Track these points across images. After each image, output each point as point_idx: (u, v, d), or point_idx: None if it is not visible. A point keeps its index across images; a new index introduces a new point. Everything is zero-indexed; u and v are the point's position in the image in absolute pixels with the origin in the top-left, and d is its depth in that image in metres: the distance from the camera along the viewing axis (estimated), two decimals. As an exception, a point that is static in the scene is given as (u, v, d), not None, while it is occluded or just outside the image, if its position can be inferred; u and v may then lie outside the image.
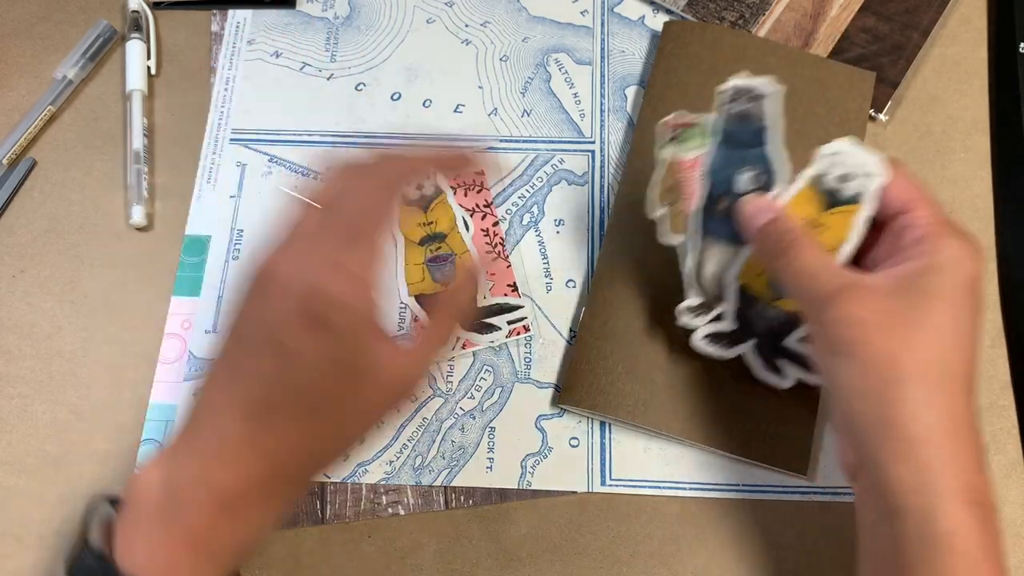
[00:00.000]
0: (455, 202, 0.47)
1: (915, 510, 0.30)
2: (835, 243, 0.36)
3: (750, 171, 0.37)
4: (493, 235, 0.47)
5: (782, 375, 0.40)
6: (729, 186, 0.38)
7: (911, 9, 0.52)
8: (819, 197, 0.36)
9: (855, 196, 0.35)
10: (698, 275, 0.40)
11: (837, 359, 0.33)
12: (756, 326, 0.40)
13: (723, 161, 0.38)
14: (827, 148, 0.36)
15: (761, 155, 0.37)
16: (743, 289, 0.39)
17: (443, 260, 0.46)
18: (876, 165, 0.35)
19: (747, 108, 0.37)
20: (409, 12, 0.54)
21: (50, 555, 0.41)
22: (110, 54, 0.53)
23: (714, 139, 0.38)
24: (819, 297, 0.33)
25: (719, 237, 0.39)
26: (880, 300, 0.32)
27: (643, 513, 0.42)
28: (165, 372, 0.45)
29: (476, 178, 0.48)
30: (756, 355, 0.40)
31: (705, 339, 0.40)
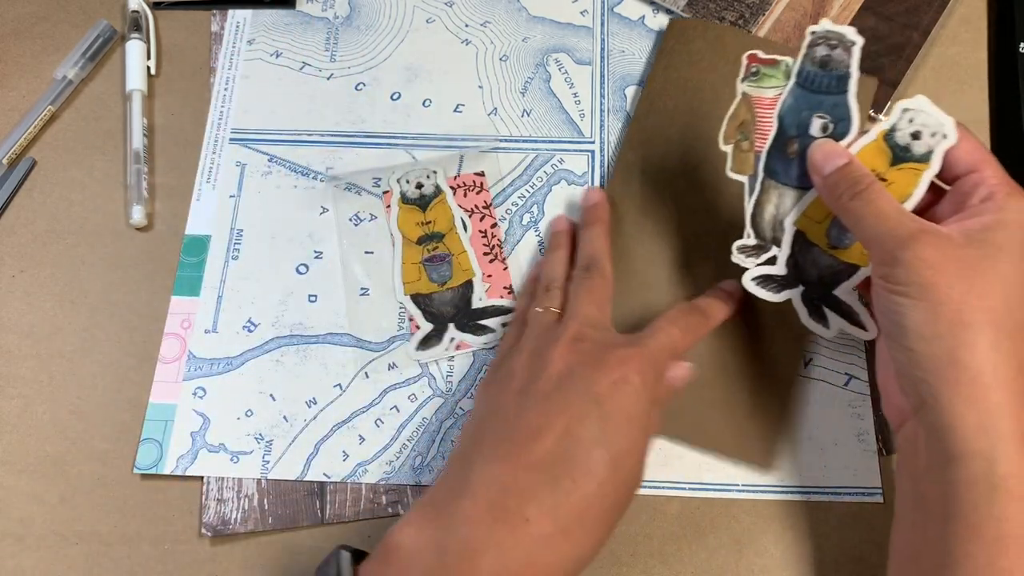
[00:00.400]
0: (454, 202, 0.47)
1: (977, 452, 0.30)
2: (898, 198, 0.36)
3: (824, 117, 0.37)
4: (491, 236, 0.47)
5: (827, 324, 0.40)
6: (801, 129, 0.38)
7: (911, 9, 0.52)
8: (888, 151, 0.36)
9: (925, 154, 0.36)
10: (755, 215, 0.39)
11: (907, 300, 0.33)
12: (808, 273, 0.39)
13: (798, 104, 0.38)
14: (904, 103, 0.36)
15: (838, 103, 0.37)
16: (800, 234, 0.39)
17: (440, 260, 0.46)
18: (949, 126, 0.35)
19: (831, 54, 0.37)
20: (409, 12, 0.54)
21: (50, 555, 0.41)
22: (110, 54, 0.53)
23: (792, 80, 0.38)
24: (895, 239, 0.34)
25: (783, 179, 0.39)
26: (953, 247, 0.33)
27: (643, 513, 0.42)
28: (165, 372, 0.45)
29: (476, 179, 0.48)
30: (803, 302, 0.40)
31: (755, 280, 0.40)
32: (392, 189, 0.48)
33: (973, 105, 0.50)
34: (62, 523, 0.42)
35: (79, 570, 0.41)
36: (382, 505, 0.42)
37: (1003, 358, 0.31)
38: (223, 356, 0.45)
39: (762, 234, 0.40)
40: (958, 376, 0.31)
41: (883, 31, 0.51)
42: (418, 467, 0.42)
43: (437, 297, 0.46)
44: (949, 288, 0.32)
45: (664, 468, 0.42)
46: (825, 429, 0.42)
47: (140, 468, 0.42)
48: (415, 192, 0.48)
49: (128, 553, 0.41)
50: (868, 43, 0.51)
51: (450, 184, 0.48)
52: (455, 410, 0.44)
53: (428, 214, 0.47)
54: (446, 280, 0.46)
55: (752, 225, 0.40)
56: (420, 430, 0.43)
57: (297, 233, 0.48)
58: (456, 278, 0.46)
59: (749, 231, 0.40)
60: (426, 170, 0.48)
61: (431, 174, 0.48)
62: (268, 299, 0.46)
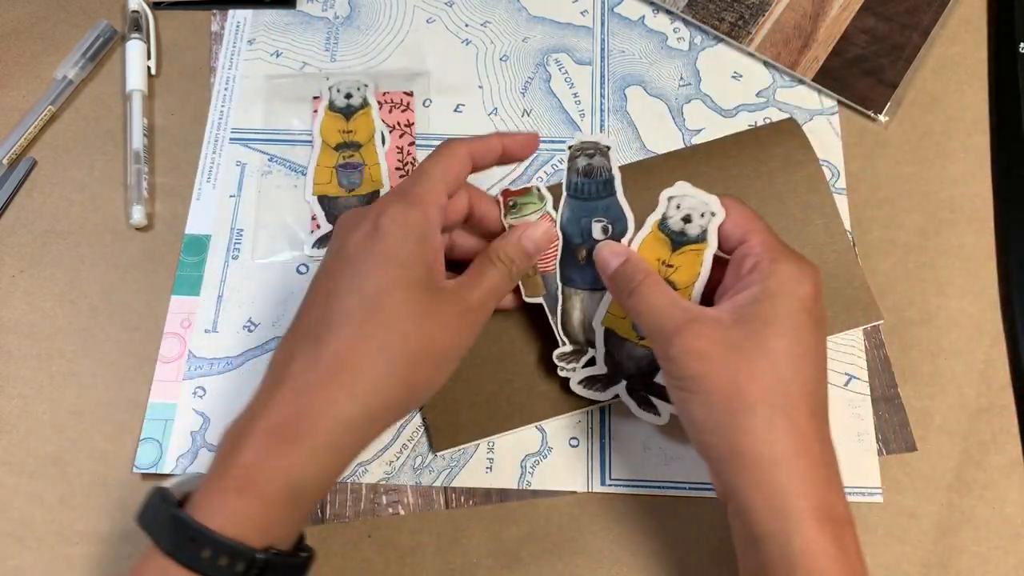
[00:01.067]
0: (378, 116, 0.50)
1: (772, 534, 0.31)
2: (688, 281, 0.38)
3: (601, 220, 0.40)
4: (407, 154, 0.49)
5: (657, 412, 0.41)
6: (585, 235, 0.41)
7: (911, 9, 0.52)
8: (667, 239, 0.39)
9: (699, 235, 0.38)
10: (565, 323, 0.41)
11: (684, 394, 0.34)
12: (626, 367, 0.41)
13: (575, 213, 0.41)
14: (666, 192, 0.39)
15: (610, 204, 0.40)
16: (610, 332, 0.41)
17: (353, 168, 0.48)
18: (715, 204, 0.37)
19: (591, 163, 0.41)
20: (409, 12, 0.54)
21: (50, 555, 0.41)
22: (110, 54, 0.53)
23: (564, 194, 0.41)
24: (664, 333, 0.35)
25: (580, 285, 0.41)
26: (720, 331, 0.33)
27: (643, 513, 0.42)
28: (165, 371, 0.45)
29: (404, 97, 0.50)
30: (630, 396, 0.41)
31: (580, 383, 0.42)
32: (323, 95, 0.50)
33: (973, 105, 0.50)
34: (62, 523, 0.42)
35: (79, 570, 0.41)
36: (382, 505, 0.42)
37: (781, 437, 0.31)
38: (223, 356, 0.45)
39: (575, 339, 0.41)
40: (741, 463, 0.32)
41: (883, 31, 0.51)
42: (418, 467, 0.42)
43: (343, 201, 0.48)
44: (717, 376, 0.32)
45: (664, 468, 0.42)
46: (825, 429, 0.43)
47: (140, 468, 0.42)
48: (343, 101, 0.50)
49: (128, 553, 0.41)
50: (868, 43, 0.51)
51: (378, 99, 0.50)
52: (455, 410, 0.44)
53: (351, 123, 0.49)
54: (355, 187, 0.48)
55: (564, 333, 0.41)
56: (420, 430, 0.43)
57: (297, 233, 0.48)
58: (364, 187, 0.48)
59: (562, 339, 0.41)
60: (358, 82, 0.50)
61: (362, 87, 0.50)
62: (268, 299, 0.46)
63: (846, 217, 0.47)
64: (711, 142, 0.47)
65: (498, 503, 0.42)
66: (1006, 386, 0.44)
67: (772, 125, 0.47)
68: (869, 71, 0.50)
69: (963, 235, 0.47)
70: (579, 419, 0.43)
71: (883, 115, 0.49)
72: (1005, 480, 0.42)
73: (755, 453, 0.31)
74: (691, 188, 0.38)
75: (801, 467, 0.31)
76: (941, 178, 0.48)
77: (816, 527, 0.30)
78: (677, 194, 0.38)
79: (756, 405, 0.32)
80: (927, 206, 0.48)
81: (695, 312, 0.35)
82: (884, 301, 0.45)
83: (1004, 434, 0.43)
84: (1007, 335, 0.45)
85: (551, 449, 0.43)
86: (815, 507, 0.31)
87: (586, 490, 0.42)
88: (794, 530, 0.30)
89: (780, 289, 0.34)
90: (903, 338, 0.45)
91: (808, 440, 0.32)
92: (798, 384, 0.32)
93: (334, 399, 0.32)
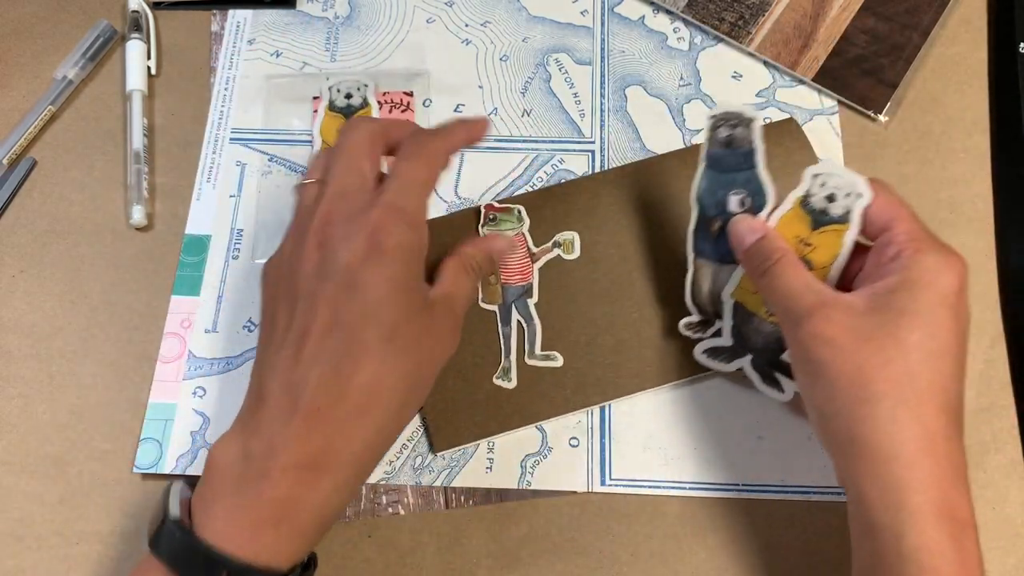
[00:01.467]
0: (378, 116, 0.50)
1: (886, 527, 0.31)
2: (825, 261, 0.37)
3: (739, 193, 0.39)
4: None
5: (781, 389, 0.40)
6: (720, 208, 0.40)
7: (911, 9, 0.52)
8: (807, 217, 0.37)
9: (842, 215, 0.36)
10: (694, 293, 0.42)
11: (809, 378, 0.34)
12: (753, 341, 0.40)
13: (712, 185, 0.40)
14: (812, 169, 0.37)
15: (749, 178, 0.39)
16: (739, 305, 0.40)
17: None
18: (861, 185, 0.36)
19: (733, 133, 0.39)
20: (409, 12, 0.54)
21: (50, 555, 0.41)
22: (110, 54, 0.53)
23: (703, 164, 0.40)
24: (794, 316, 0.34)
25: (711, 257, 0.41)
26: (852, 318, 0.33)
27: (643, 513, 0.42)
28: (165, 371, 0.45)
29: (404, 97, 0.50)
30: (755, 370, 0.41)
31: (705, 353, 0.41)
32: (323, 96, 0.50)
33: (973, 105, 0.50)
34: (62, 523, 0.42)
35: (79, 570, 0.41)
36: (382, 505, 0.42)
37: (903, 430, 0.31)
38: (223, 356, 0.45)
39: (704, 309, 0.42)
40: (858, 452, 0.31)
41: (883, 31, 0.51)
42: (418, 467, 0.42)
43: None
44: (844, 363, 0.32)
45: (664, 468, 0.42)
46: (825, 429, 0.43)
47: (140, 468, 0.42)
48: (343, 101, 0.50)
49: (128, 553, 0.41)
50: (868, 43, 0.51)
51: (378, 99, 0.50)
52: (455, 410, 0.44)
53: None
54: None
55: (693, 302, 0.42)
56: (420, 430, 0.43)
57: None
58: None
59: (692, 307, 0.42)
60: (358, 82, 0.50)
61: (362, 87, 0.50)
62: (268, 299, 0.46)
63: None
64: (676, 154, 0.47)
65: (498, 503, 0.42)
66: (1006, 386, 0.44)
67: (773, 124, 0.47)
68: (869, 71, 0.50)
69: (963, 235, 0.47)
70: (579, 419, 0.43)
71: (883, 115, 0.49)
72: (1005, 480, 0.42)
73: (875, 444, 0.31)
74: (838, 167, 0.37)
75: (923, 463, 0.30)
76: (941, 178, 0.48)
77: (933, 524, 0.30)
78: (823, 172, 0.37)
79: (881, 396, 0.31)
80: (927, 206, 0.48)
81: (828, 296, 0.34)
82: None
83: (1004, 434, 0.43)
84: (1007, 335, 0.45)
85: (551, 449, 0.43)
86: (934, 504, 0.30)
87: (586, 490, 0.42)
88: (909, 525, 0.30)
89: (921, 280, 0.32)
90: (903, 338, 0.45)
91: (934, 437, 0.31)
92: (928, 379, 0.31)
93: (361, 431, 0.32)
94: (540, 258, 0.45)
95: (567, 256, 0.45)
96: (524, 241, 0.45)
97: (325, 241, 0.34)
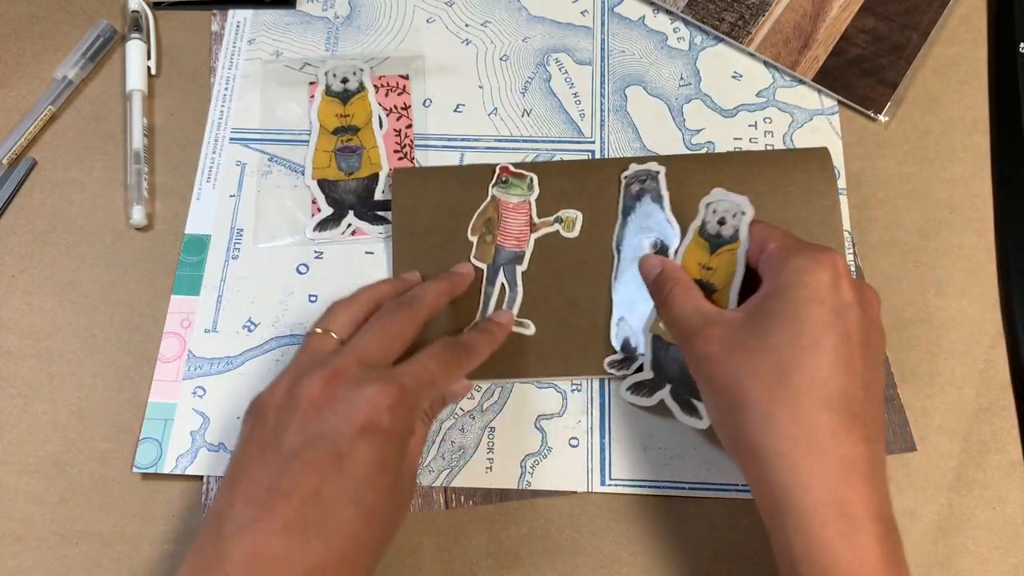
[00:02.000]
0: (375, 100, 0.50)
1: (777, 530, 0.31)
2: (726, 281, 0.39)
3: (651, 236, 0.44)
4: (404, 136, 0.49)
5: (699, 415, 0.41)
6: (637, 251, 0.44)
7: (911, 9, 0.52)
8: (705, 243, 0.40)
9: (733, 235, 0.39)
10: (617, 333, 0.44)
11: (704, 396, 0.35)
12: (670, 371, 0.42)
13: (630, 232, 0.45)
14: (704, 199, 0.40)
15: (659, 222, 0.44)
16: (657, 338, 0.42)
17: (351, 151, 0.49)
18: (745, 203, 0.39)
19: (643, 187, 0.45)
20: (409, 12, 0.54)
21: (50, 555, 0.41)
22: (110, 54, 0.53)
23: (620, 217, 0.45)
24: (685, 338, 0.36)
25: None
26: (730, 332, 0.34)
27: (643, 513, 0.42)
28: (164, 371, 0.45)
29: (400, 81, 0.51)
30: (674, 400, 0.41)
31: (628, 389, 0.42)
32: (319, 81, 0.51)
33: (973, 105, 0.50)
34: (62, 523, 0.42)
35: (79, 570, 0.41)
36: (382, 505, 0.42)
37: (777, 430, 0.31)
38: (223, 355, 0.45)
39: (628, 347, 0.43)
40: (745, 459, 0.32)
41: (883, 31, 0.51)
42: (418, 467, 0.42)
43: (342, 185, 0.48)
44: (722, 375, 0.33)
45: (664, 468, 0.42)
46: (825, 429, 0.43)
47: (140, 467, 0.42)
48: (340, 86, 0.50)
49: (128, 553, 0.41)
50: (868, 43, 0.51)
51: (374, 83, 0.51)
52: (455, 411, 0.44)
53: (348, 107, 0.50)
54: (354, 170, 0.48)
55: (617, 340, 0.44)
56: (420, 430, 0.43)
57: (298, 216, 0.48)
58: (364, 170, 0.48)
59: (616, 346, 0.43)
60: (354, 66, 0.51)
61: (358, 71, 0.51)
62: (268, 299, 0.46)
63: (846, 217, 0.47)
64: (743, 153, 0.48)
65: (498, 503, 0.42)
66: (1006, 386, 0.44)
67: (803, 151, 0.47)
68: (869, 71, 0.50)
69: (963, 235, 0.47)
70: (579, 419, 0.43)
71: (883, 115, 0.49)
72: (1005, 480, 0.42)
73: (756, 448, 0.31)
74: (725, 192, 0.40)
75: (805, 462, 0.30)
76: (941, 178, 0.48)
77: (821, 523, 0.30)
78: (713, 199, 0.40)
79: (755, 401, 0.32)
80: (927, 206, 0.48)
81: (711, 315, 0.35)
82: (884, 301, 0.45)
83: (1004, 434, 0.43)
84: (1007, 335, 0.45)
85: (551, 449, 0.43)
86: (821, 503, 0.30)
87: (586, 490, 0.42)
88: (796, 526, 0.30)
89: (788, 281, 0.33)
90: (903, 338, 0.45)
91: (815, 434, 0.31)
92: (802, 377, 0.31)
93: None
94: (540, 229, 0.46)
95: (566, 233, 0.45)
96: (528, 209, 0.46)
97: (324, 401, 0.33)
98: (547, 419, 0.43)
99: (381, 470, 0.33)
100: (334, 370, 0.34)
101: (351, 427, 0.32)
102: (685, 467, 0.42)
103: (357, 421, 0.32)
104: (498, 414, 0.44)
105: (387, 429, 0.33)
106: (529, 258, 0.45)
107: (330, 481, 0.31)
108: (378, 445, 0.32)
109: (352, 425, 0.32)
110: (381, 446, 0.33)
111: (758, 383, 0.32)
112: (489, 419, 0.44)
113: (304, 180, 0.48)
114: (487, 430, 0.43)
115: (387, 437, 0.33)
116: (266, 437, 0.33)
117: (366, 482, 0.32)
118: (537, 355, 0.44)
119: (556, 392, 0.44)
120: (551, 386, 0.44)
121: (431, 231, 0.46)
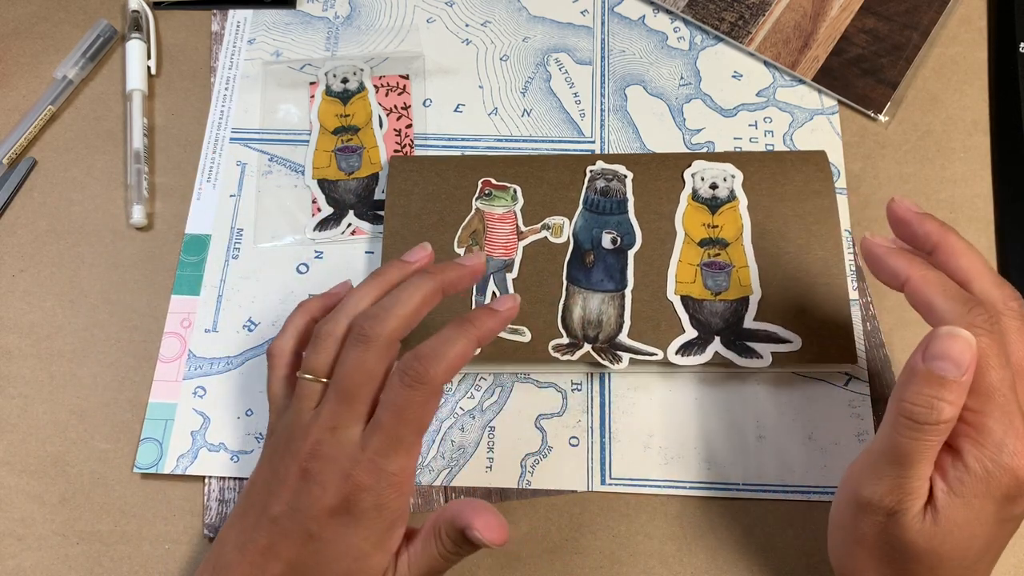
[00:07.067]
0: (375, 100, 0.50)
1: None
2: (735, 234, 0.44)
3: (611, 232, 0.45)
4: (404, 136, 0.50)
5: (759, 354, 0.42)
6: (595, 243, 0.45)
7: (911, 9, 0.52)
8: (703, 206, 0.45)
9: (729, 195, 0.45)
10: (564, 317, 0.44)
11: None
12: (714, 324, 0.43)
13: (588, 224, 0.46)
14: (688, 170, 0.45)
15: (621, 221, 0.46)
16: (686, 298, 0.43)
17: (351, 151, 0.49)
18: (731, 168, 0.45)
19: (608, 185, 0.46)
20: (409, 12, 0.54)
21: (50, 555, 0.41)
22: (110, 54, 0.53)
23: (581, 206, 0.46)
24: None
25: (583, 285, 0.44)
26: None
27: (643, 513, 0.42)
28: (165, 371, 0.45)
29: (400, 80, 0.51)
30: (728, 348, 0.42)
31: (678, 353, 0.42)
32: (319, 81, 0.51)
33: (973, 105, 0.50)
34: (62, 523, 0.42)
35: (79, 570, 0.41)
36: (382, 505, 0.42)
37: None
38: (223, 355, 0.45)
39: (573, 333, 0.43)
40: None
41: (883, 31, 0.51)
42: (418, 467, 0.42)
43: (342, 184, 0.48)
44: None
45: (664, 468, 0.42)
46: (825, 429, 0.43)
47: (140, 468, 0.42)
48: (340, 86, 0.51)
49: (128, 553, 0.41)
50: (868, 43, 0.51)
51: (374, 82, 0.51)
52: (455, 410, 0.44)
53: (348, 107, 0.50)
54: (354, 170, 0.49)
55: (563, 326, 0.44)
56: (420, 430, 0.43)
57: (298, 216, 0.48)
58: (364, 170, 0.49)
59: (561, 330, 0.43)
60: (354, 66, 0.51)
61: (358, 71, 0.51)
62: (268, 299, 0.46)
63: (846, 217, 0.47)
64: (741, 153, 0.48)
65: (498, 503, 0.42)
66: (1006, 386, 0.44)
67: (801, 153, 0.47)
68: (869, 71, 0.50)
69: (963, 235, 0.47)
70: (579, 418, 0.43)
71: (883, 115, 0.49)
72: (1005, 480, 0.42)
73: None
74: (707, 162, 0.45)
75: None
76: (941, 178, 0.48)
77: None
78: (697, 169, 0.45)
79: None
80: (927, 206, 0.48)
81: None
82: (884, 301, 0.45)
83: (1004, 434, 0.43)
84: (1007, 335, 0.45)
85: (551, 448, 0.43)
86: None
87: (586, 490, 0.42)
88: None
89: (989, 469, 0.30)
90: (903, 338, 0.45)
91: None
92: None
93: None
94: (527, 237, 0.46)
95: (555, 239, 0.45)
96: (514, 219, 0.46)
97: (305, 475, 0.33)
98: (547, 418, 0.43)
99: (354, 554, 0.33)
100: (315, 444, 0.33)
101: (324, 511, 0.33)
102: (685, 467, 0.42)
103: (330, 504, 0.33)
104: (498, 413, 0.44)
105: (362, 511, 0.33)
106: (519, 265, 0.45)
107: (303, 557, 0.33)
108: (350, 527, 0.33)
109: (325, 508, 0.33)
110: (353, 528, 0.33)
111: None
112: (489, 418, 0.44)
113: (304, 180, 0.49)
114: (487, 429, 0.43)
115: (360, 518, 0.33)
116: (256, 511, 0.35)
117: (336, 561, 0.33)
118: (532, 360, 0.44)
119: (556, 391, 0.44)
120: (551, 385, 0.44)
121: (423, 214, 0.46)
